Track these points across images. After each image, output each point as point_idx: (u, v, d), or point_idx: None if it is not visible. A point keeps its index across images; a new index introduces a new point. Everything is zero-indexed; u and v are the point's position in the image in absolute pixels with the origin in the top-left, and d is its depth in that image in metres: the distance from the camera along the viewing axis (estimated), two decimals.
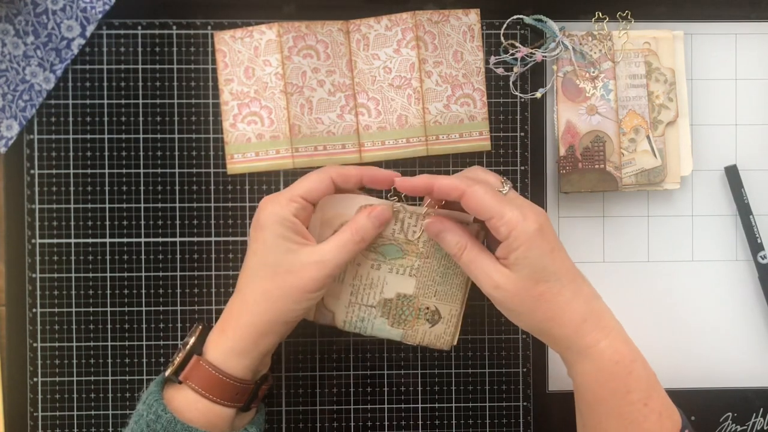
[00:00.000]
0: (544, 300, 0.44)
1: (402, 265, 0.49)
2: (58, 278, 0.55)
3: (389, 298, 0.50)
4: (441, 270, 0.50)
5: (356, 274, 0.50)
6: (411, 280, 0.50)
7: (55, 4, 0.54)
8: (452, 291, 0.50)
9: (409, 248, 0.49)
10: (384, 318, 0.50)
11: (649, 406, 0.44)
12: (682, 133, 0.56)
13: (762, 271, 0.56)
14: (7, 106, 0.54)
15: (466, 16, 0.55)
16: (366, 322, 0.51)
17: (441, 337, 0.51)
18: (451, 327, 0.51)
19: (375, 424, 0.56)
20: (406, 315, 0.50)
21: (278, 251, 0.45)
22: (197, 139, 0.55)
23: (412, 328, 0.51)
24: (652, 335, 0.57)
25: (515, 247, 0.43)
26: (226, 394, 0.45)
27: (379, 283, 0.50)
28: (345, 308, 0.50)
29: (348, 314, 0.50)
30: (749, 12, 0.57)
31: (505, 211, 0.43)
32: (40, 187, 0.55)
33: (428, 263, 0.49)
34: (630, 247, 0.57)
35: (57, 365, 0.55)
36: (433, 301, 0.50)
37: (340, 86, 0.55)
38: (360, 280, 0.50)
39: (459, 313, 0.51)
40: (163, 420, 0.44)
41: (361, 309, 0.50)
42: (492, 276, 0.44)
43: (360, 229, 0.46)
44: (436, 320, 0.51)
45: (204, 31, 0.55)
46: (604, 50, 0.55)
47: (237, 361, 0.46)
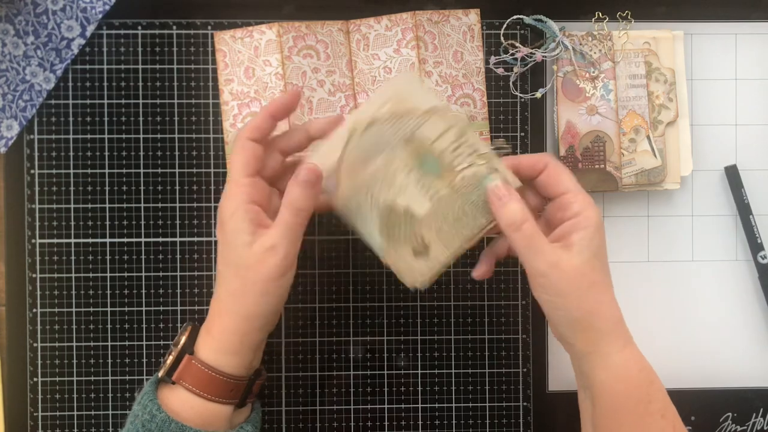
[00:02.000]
0: (596, 289, 0.43)
1: (430, 184, 0.46)
2: (58, 278, 0.55)
3: (397, 207, 0.47)
4: (458, 213, 0.47)
5: (387, 162, 0.46)
6: (427, 204, 0.47)
7: (55, 4, 0.54)
8: (454, 238, 0.47)
9: (446, 173, 0.46)
10: (378, 221, 0.47)
11: (666, 417, 0.44)
12: (682, 133, 0.56)
13: (762, 271, 0.56)
14: (7, 106, 0.54)
15: (466, 16, 0.55)
16: (361, 212, 0.47)
17: (413, 272, 0.48)
18: (428, 269, 0.48)
19: (375, 424, 0.56)
20: (399, 232, 0.47)
21: (237, 247, 0.44)
22: (197, 139, 0.55)
23: (395, 247, 0.47)
24: (653, 335, 0.57)
25: (583, 226, 0.43)
26: (221, 392, 0.45)
27: (399, 187, 0.46)
28: (354, 187, 0.46)
29: (352, 195, 0.46)
30: (749, 12, 0.57)
31: (581, 191, 0.45)
32: (40, 187, 0.55)
33: (452, 198, 0.46)
34: (630, 247, 0.57)
35: (57, 365, 0.55)
36: (432, 236, 0.47)
37: (340, 86, 0.55)
38: (386, 170, 0.46)
39: (444, 262, 0.48)
40: (158, 420, 0.44)
41: (366, 198, 0.46)
42: (550, 254, 0.43)
43: (294, 201, 0.44)
44: (420, 253, 0.47)
45: (204, 31, 0.55)
46: (604, 50, 0.55)
47: (228, 359, 0.45)
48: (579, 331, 0.44)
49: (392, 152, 0.46)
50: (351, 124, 0.46)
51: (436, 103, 0.45)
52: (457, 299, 0.56)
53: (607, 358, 0.44)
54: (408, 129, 0.45)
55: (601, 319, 0.44)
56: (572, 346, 0.45)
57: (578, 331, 0.44)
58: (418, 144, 0.46)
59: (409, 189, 0.46)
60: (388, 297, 0.56)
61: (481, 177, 0.46)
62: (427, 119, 0.45)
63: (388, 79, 0.46)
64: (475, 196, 0.46)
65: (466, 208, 0.47)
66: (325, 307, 0.56)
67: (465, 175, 0.46)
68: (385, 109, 0.45)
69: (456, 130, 0.46)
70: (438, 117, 0.45)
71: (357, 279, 0.56)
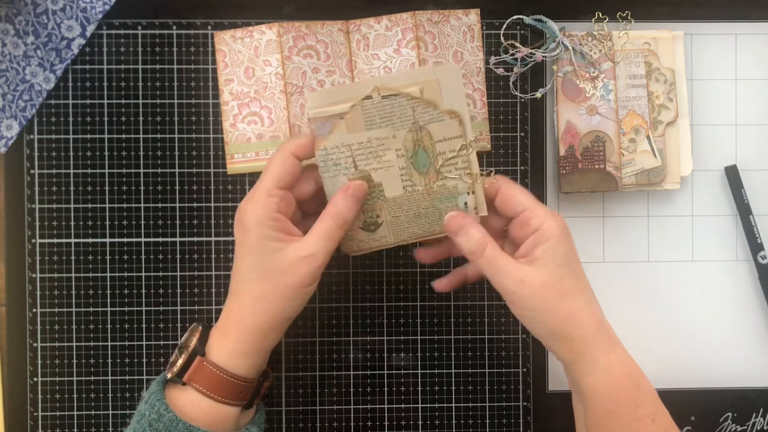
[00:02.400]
0: (567, 298, 0.44)
1: (411, 175, 0.47)
2: (58, 278, 0.55)
3: (371, 180, 0.47)
4: (420, 211, 0.48)
5: (387, 137, 0.46)
6: (399, 191, 0.47)
7: (55, 4, 0.54)
8: (405, 231, 0.48)
9: (430, 173, 0.47)
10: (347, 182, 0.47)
11: (656, 422, 0.44)
12: (682, 133, 0.56)
13: (762, 271, 0.56)
14: (7, 106, 0.54)
15: (466, 17, 0.55)
16: (336, 167, 0.47)
17: (352, 241, 0.49)
18: (367, 245, 0.49)
19: (375, 424, 0.56)
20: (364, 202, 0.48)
21: (266, 252, 0.45)
22: (197, 139, 0.55)
23: None
24: (652, 335, 0.57)
25: (545, 239, 0.44)
26: (232, 394, 0.46)
27: (384, 164, 0.47)
28: (343, 141, 0.46)
29: (338, 146, 0.46)
30: (749, 12, 0.57)
31: (538, 206, 0.45)
32: (40, 187, 0.55)
33: (423, 197, 0.47)
34: (630, 247, 0.57)
35: (57, 365, 0.55)
36: (386, 218, 0.48)
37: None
38: (381, 142, 0.46)
39: (383, 245, 0.49)
40: (165, 419, 0.44)
41: (348, 157, 0.46)
42: (515, 272, 0.44)
43: (340, 212, 0.45)
44: (369, 228, 0.48)
45: (204, 31, 0.55)
46: (604, 50, 0.55)
47: (242, 362, 0.46)
48: (558, 341, 0.45)
49: (396, 130, 0.46)
50: (377, 83, 0.45)
51: (461, 110, 0.46)
52: (457, 299, 0.56)
53: (591, 364, 0.44)
54: (423, 118, 0.46)
55: (578, 326, 0.44)
56: (557, 355, 0.46)
57: (558, 341, 0.45)
58: (423, 136, 0.46)
59: (392, 171, 0.47)
60: (388, 297, 0.56)
61: (457, 192, 0.47)
62: (445, 119, 0.46)
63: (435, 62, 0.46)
64: (443, 205, 0.47)
65: (430, 210, 0.48)
66: (325, 307, 0.56)
67: (446, 183, 0.47)
68: (413, 89, 0.45)
69: (462, 143, 0.46)
70: (456, 123, 0.46)
71: (357, 279, 0.56)
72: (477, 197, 0.47)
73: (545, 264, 0.44)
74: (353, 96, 0.45)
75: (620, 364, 0.44)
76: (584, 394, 0.45)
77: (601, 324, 0.45)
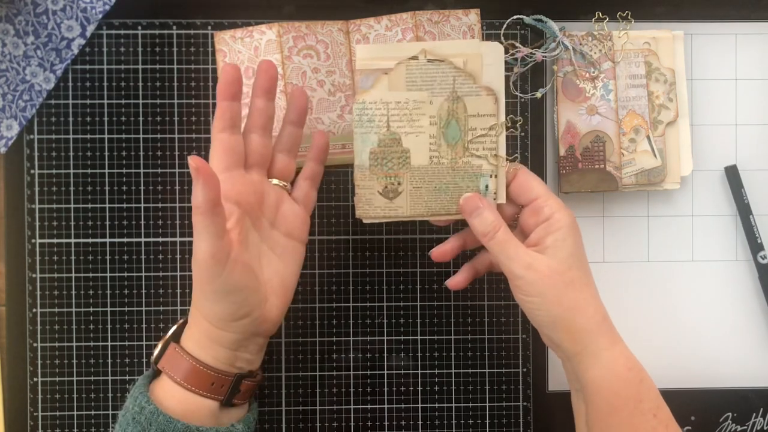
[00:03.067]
0: (574, 287, 0.44)
1: (439, 146, 0.47)
2: (58, 278, 0.55)
3: (401, 143, 0.47)
4: (441, 186, 0.47)
5: (424, 101, 0.46)
6: (425, 160, 0.47)
7: (55, 4, 0.54)
8: (422, 204, 0.48)
9: (458, 148, 0.47)
10: (377, 142, 0.47)
11: (658, 417, 0.44)
12: (682, 133, 0.56)
13: (762, 271, 0.56)
14: (7, 106, 0.54)
15: (466, 16, 0.55)
16: (369, 124, 0.46)
17: (369, 206, 0.47)
18: (383, 213, 0.48)
19: (375, 424, 0.56)
20: (385, 165, 0.47)
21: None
22: (197, 139, 0.55)
23: (373, 174, 0.47)
24: (652, 335, 0.57)
25: (556, 228, 0.45)
26: (201, 383, 0.45)
27: (416, 129, 0.47)
28: (381, 99, 0.46)
29: (375, 103, 0.46)
30: (749, 12, 0.57)
31: (551, 195, 0.46)
32: (40, 187, 0.55)
33: (447, 171, 0.47)
34: (630, 247, 0.57)
35: (57, 365, 0.55)
36: (407, 188, 0.47)
37: (340, 86, 0.55)
38: (418, 106, 0.46)
39: (398, 216, 0.48)
40: (146, 411, 0.44)
41: (382, 116, 0.46)
42: (524, 257, 0.44)
43: (193, 201, 0.42)
44: (388, 194, 0.48)
45: (204, 31, 0.55)
46: (604, 50, 0.55)
47: (207, 350, 0.45)
48: (562, 330, 0.44)
49: (434, 96, 0.46)
50: (425, 46, 0.46)
51: (498, 89, 0.46)
52: (457, 299, 0.56)
53: (595, 357, 0.44)
54: (462, 89, 0.46)
55: (582, 316, 0.44)
56: (559, 347, 0.45)
57: (561, 331, 0.44)
58: (458, 107, 0.46)
59: (422, 138, 0.47)
60: (388, 297, 0.56)
61: (480, 173, 0.47)
62: (482, 95, 0.46)
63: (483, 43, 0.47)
64: (464, 183, 0.47)
65: (451, 187, 0.47)
66: (325, 307, 0.56)
67: (471, 162, 0.47)
68: (458, 60, 0.46)
69: (495, 122, 0.47)
70: (491, 101, 0.46)
71: (357, 279, 0.56)
72: (498, 181, 0.47)
73: (555, 253, 0.44)
74: (401, 55, 0.46)
75: (623, 358, 0.44)
76: (587, 389, 0.45)
77: (604, 317, 0.45)
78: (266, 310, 0.46)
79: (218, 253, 0.42)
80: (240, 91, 0.46)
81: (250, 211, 0.46)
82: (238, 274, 0.44)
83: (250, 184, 0.47)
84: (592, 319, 0.44)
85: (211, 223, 0.42)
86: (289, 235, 0.49)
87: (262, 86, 0.47)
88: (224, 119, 0.46)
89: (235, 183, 0.46)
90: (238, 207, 0.45)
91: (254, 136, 0.47)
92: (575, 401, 0.47)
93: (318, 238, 0.56)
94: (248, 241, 0.46)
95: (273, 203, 0.48)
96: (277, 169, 0.49)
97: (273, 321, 0.47)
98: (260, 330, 0.46)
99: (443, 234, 0.56)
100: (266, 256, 0.48)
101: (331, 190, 0.56)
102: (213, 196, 0.41)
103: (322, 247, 0.56)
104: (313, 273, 0.56)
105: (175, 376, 0.45)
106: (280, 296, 0.47)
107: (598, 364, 0.44)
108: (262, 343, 0.48)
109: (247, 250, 0.46)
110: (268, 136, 0.48)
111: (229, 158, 0.46)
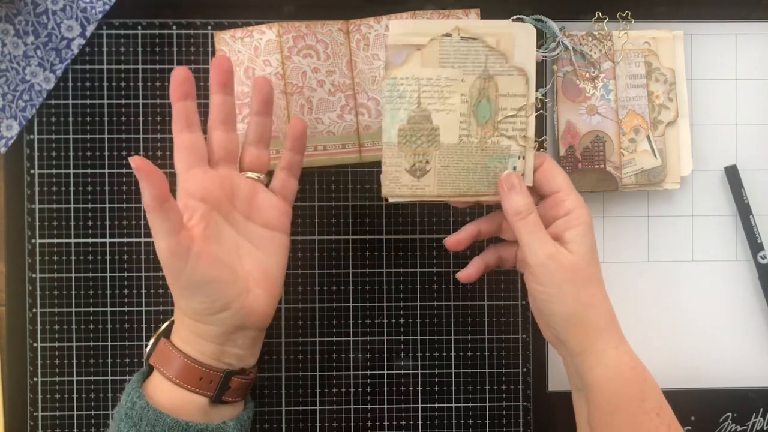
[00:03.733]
0: (591, 283, 0.44)
1: (470, 125, 0.47)
2: (58, 278, 0.55)
3: (431, 120, 0.47)
4: (469, 166, 0.47)
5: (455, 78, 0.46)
6: (455, 139, 0.47)
7: (55, 4, 0.54)
8: (449, 184, 0.47)
9: (488, 127, 0.47)
10: (407, 119, 0.46)
11: (661, 416, 0.43)
12: (682, 133, 0.56)
13: (762, 271, 0.56)
14: (7, 106, 0.54)
15: (466, 17, 0.55)
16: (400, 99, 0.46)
17: (396, 183, 0.47)
18: (409, 191, 0.47)
19: (375, 424, 0.56)
20: (414, 142, 0.47)
21: None
22: None
23: (401, 151, 0.47)
24: (652, 335, 0.57)
25: (577, 224, 0.45)
26: (189, 378, 0.45)
27: (447, 107, 0.46)
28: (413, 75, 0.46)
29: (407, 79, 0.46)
30: (749, 12, 0.57)
31: (573, 190, 0.46)
32: (40, 187, 0.55)
33: (476, 151, 0.47)
34: (630, 247, 0.57)
35: (57, 365, 0.55)
36: (435, 166, 0.47)
37: (340, 86, 0.55)
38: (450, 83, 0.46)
39: (425, 195, 0.47)
40: (137, 407, 0.44)
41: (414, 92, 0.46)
42: (549, 245, 0.44)
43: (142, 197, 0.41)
44: (416, 173, 0.47)
45: (204, 31, 0.55)
46: (604, 50, 0.55)
47: (193, 345, 0.45)
48: (573, 325, 0.44)
49: (466, 75, 0.46)
50: (459, 24, 0.46)
51: (529, 70, 0.46)
52: (457, 299, 0.56)
53: (600, 356, 0.44)
54: (494, 68, 0.46)
55: (596, 313, 0.44)
56: (565, 343, 0.45)
57: (572, 326, 0.44)
58: (489, 86, 0.46)
59: (452, 115, 0.47)
60: (388, 297, 0.56)
61: (509, 154, 0.47)
62: (513, 74, 0.46)
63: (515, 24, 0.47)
64: (493, 164, 0.47)
65: (479, 167, 0.47)
66: (325, 307, 0.56)
67: (500, 141, 0.47)
68: (491, 39, 0.46)
69: (525, 102, 0.47)
70: (522, 81, 0.46)
71: (357, 279, 0.56)
72: (526, 164, 0.47)
73: (575, 248, 0.44)
74: (434, 31, 0.46)
75: (627, 357, 0.44)
76: (590, 387, 0.44)
77: (613, 317, 0.45)
78: (249, 301, 0.46)
79: (176, 248, 0.42)
80: (192, 89, 0.47)
81: (219, 205, 0.46)
82: (204, 267, 0.43)
83: (216, 178, 0.47)
84: (603, 318, 0.44)
85: (164, 219, 0.42)
86: (267, 225, 0.48)
87: (217, 81, 0.47)
88: (180, 120, 0.46)
89: (198, 180, 0.46)
90: (203, 203, 0.45)
91: (216, 132, 0.48)
92: (576, 400, 0.47)
93: (318, 238, 0.56)
94: (220, 235, 0.46)
95: (246, 196, 0.48)
96: (248, 162, 0.49)
97: (261, 313, 0.46)
98: (247, 322, 0.46)
99: (443, 234, 0.56)
100: (245, 248, 0.47)
101: (331, 190, 0.56)
102: (159, 193, 0.41)
103: (322, 247, 0.56)
104: (313, 273, 0.56)
105: (165, 371, 0.45)
106: (264, 287, 0.47)
107: (603, 363, 0.44)
108: (253, 336, 0.47)
109: (217, 244, 0.45)
110: (232, 130, 0.48)
111: (190, 156, 0.46)
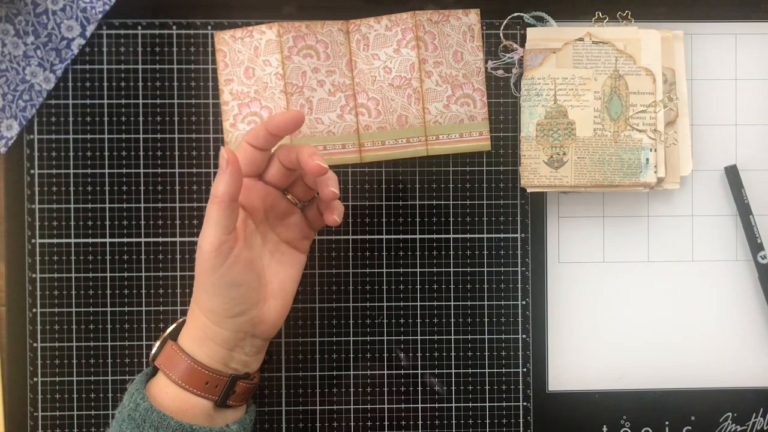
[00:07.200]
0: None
1: (603, 119, 0.51)
2: (58, 278, 0.55)
3: (567, 115, 0.51)
4: (604, 157, 0.52)
5: (589, 78, 0.51)
6: (590, 132, 0.51)
7: (55, 4, 0.54)
8: (585, 174, 0.52)
9: (620, 122, 0.51)
10: (544, 114, 0.52)
11: None
12: (682, 133, 0.56)
13: (762, 271, 0.56)
14: (7, 106, 0.54)
15: (466, 16, 0.55)
16: (537, 97, 0.52)
17: (534, 174, 0.52)
18: (548, 182, 0.52)
19: (375, 424, 0.56)
20: (551, 136, 0.52)
21: None
22: (197, 139, 0.55)
23: (539, 145, 0.52)
24: (652, 335, 0.57)
25: None
26: (195, 382, 0.45)
27: (581, 102, 0.51)
28: (549, 74, 0.51)
29: (543, 78, 0.52)
30: (749, 12, 0.57)
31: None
32: (40, 187, 0.55)
33: (609, 143, 0.51)
34: (630, 247, 0.57)
35: (57, 365, 0.55)
36: (572, 158, 0.52)
37: (340, 86, 0.55)
38: (582, 82, 0.51)
39: (563, 186, 0.52)
40: (141, 408, 0.44)
41: (550, 89, 0.52)
42: None
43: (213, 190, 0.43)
44: (553, 164, 0.52)
45: (204, 31, 0.55)
46: None
47: (199, 349, 0.45)
48: None
49: (598, 74, 0.51)
50: (590, 30, 0.51)
51: (656, 70, 0.51)
52: (457, 299, 0.56)
53: None
54: (623, 69, 0.51)
55: None
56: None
57: None
58: (620, 84, 0.51)
59: (587, 111, 0.51)
60: (388, 297, 0.56)
61: (641, 146, 0.51)
62: (641, 74, 0.51)
63: (641, 30, 0.52)
64: (627, 156, 0.51)
65: (614, 159, 0.51)
66: (325, 307, 0.56)
67: (632, 135, 0.51)
68: (619, 43, 0.51)
69: (655, 100, 0.51)
70: (650, 80, 0.51)
71: (357, 279, 0.56)
72: (658, 156, 0.51)
73: None
74: (568, 37, 0.52)
75: None
76: None
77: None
78: (264, 310, 0.47)
79: (223, 245, 0.43)
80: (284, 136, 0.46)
81: (254, 214, 0.47)
82: (239, 269, 0.44)
83: (261, 190, 0.47)
84: None
85: (225, 216, 0.43)
86: (289, 243, 0.49)
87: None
88: (256, 136, 0.46)
89: (246, 188, 0.46)
90: (243, 209, 0.46)
91: (278, 165, 0.47)
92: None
93: (318, 238, 0.56)
94: (252, 242, 0.47)
95: (280, 213, 0.49)
96: (295, 192, 0.49)
97: (270, 323, 0.47)
98: (257, 331, 0.47)
99: (443, 234, 0.56)
100: (267, 259, 0.48)
101: None
102: (234, 191, 0.43)
103: (322, 247, 0.56)
104: (313, 273, 0.56)
105: (171, 374, 0.45)
106: (279, 300, 0.48)
107: None
108: (259, 345, 0.48)
109: (250, 250, 0.46)
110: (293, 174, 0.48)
111: (248, 168, 0.46)
